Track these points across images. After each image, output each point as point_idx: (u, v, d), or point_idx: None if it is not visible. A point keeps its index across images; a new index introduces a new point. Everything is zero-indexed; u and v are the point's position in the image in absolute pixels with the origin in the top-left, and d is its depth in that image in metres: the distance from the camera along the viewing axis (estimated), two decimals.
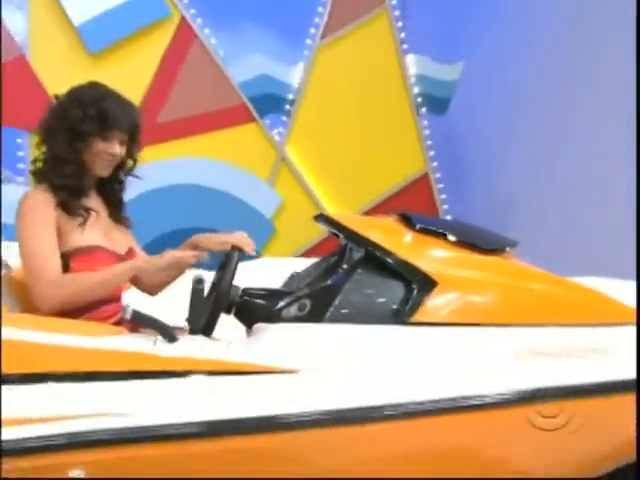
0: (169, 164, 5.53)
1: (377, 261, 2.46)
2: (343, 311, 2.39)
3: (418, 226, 2.57)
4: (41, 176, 2.54)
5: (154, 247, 3.02)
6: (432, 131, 6.09)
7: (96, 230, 2.56)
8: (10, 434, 2.04)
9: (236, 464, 2.19)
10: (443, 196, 6.12)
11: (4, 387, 2.07)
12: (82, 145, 2.49)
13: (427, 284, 2.38)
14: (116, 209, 2.72)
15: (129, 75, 5.47)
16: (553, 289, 2.59)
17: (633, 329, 2.54)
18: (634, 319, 2.63)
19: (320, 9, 5.81)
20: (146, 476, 2.09)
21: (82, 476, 2.03)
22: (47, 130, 2.53)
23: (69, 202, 2.49)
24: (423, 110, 6.05)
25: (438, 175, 6.11)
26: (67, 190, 2.50)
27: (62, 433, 2.05)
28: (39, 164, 2.56)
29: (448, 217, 6.08)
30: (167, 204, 5.41)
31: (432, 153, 6.10)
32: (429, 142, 6.09)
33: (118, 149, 2.55)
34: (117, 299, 2.59)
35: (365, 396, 2.21)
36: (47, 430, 2.06)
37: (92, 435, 2.05)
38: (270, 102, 5.91)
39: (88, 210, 2.53)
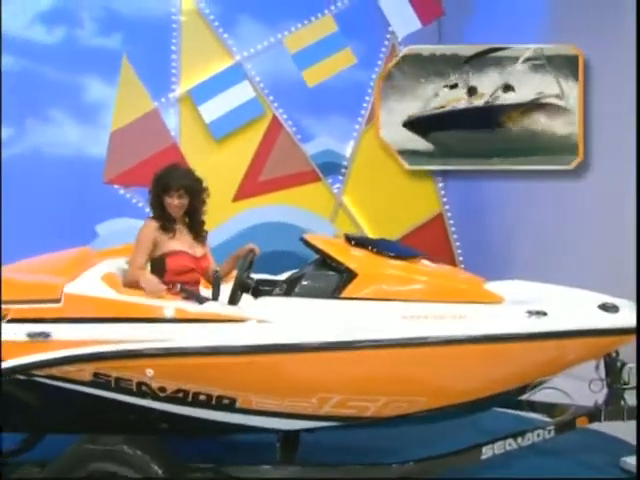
0: (264, 209, 6.00)
1: (325, 262, 3.02)
2: (303, 290, 2.94)
3: (353, 242, 3.14)
4: (153, 218, 3.23)
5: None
6: (444, 184, 6.34)
7: (182, 242, 3.19)
8: (120, 347, 2.68)
9: (233, 372, 2.72)
10: (453, 229, 6.35)
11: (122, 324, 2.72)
12: (160, 201, 3.16)
13: (351, 275, 2.90)
14: (196, 234, 3.31)
15: (240, 152, 6.06)
16: (435, 279, 3.06)
17: (488, 306, 2.97)
18: (495, 301, 3.07)
19: (364, 104, 6.22)
20: (184, 374, 2.72)
21: (152, 373, 2.69)
22: (149, 193, 3.24)
23: (164, 225, 3.15)
24: None
25: (449, 214, 6.35)
26: (162, 219, 3.16)
27: (143, 348, 2.68)
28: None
29: (457, 244, 6.36)
30: (264, 234, 5.63)
31: (445, 199, 6.34)
32: (442, 192, 6.33)
33: (177, 201, 3.13)
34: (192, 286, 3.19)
35: (311, 336, 2.73)
36: (137, 346, 2.69)
37: (157, 351, 2.68)
38: (331, 168, 6.27)
39: (175, 230, 3.17)
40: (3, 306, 2.81)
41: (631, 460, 3.65)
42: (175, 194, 3.14)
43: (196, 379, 2.75)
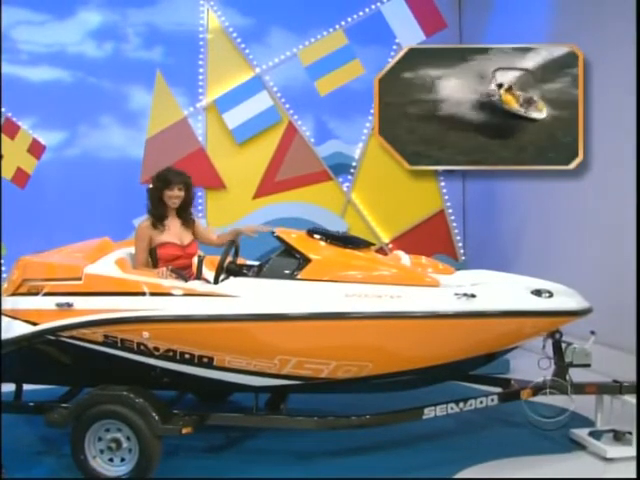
0: (281, 205, 6.56)
1: (288, 251, 3.63)
2: (268, 272, 3.56)
3: (314, 235, 3.74)
4: (148, 213, 3.88)
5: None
6: (446, 183, 6.78)
7: (171, 234, 3.81)
8: (123, 314, 3.36)
9: (209, 335, 3.36)
10: (454, 224, 6.78)
11: (126, 297, 3.40)
12: (161, 194, 3.75)
13: (306, 261, 3.52)
14: (186, 223, 3.91)
15: (259, 155, 6.67)
16: (378, 265, 3.62)
17: (422, 289, 3.50)
18: (431, 284, 3.60)
19: (371, 110, 6.55)
20: (172, 336, 3.39)
21: (147, 335, 3.39)
22: (149, 193, 3.86)
23: (155, 223, 3.79)
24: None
25: (450, 211, 6.77)
26: (154, 217, 3.79)
27: (140, 315, 3.37)
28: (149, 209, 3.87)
29: (458, 237, 6.81)
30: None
31: (447, 197, 6.76)
32: (444, 190, 6.74)
33: (177, 193, 3.75)
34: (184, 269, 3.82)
35: (271, 308, 3.35)
36: (136, 314, 3.37)
37: (152, 317, 3.36)
38: (341, 168, 6.78)
39: (164, 225, 3.78)
40: (41, 283, 3.63)
41: (579, 432, 4.13)
42: (175, 187, 3.79)
43: (181, 340, 3.43)
